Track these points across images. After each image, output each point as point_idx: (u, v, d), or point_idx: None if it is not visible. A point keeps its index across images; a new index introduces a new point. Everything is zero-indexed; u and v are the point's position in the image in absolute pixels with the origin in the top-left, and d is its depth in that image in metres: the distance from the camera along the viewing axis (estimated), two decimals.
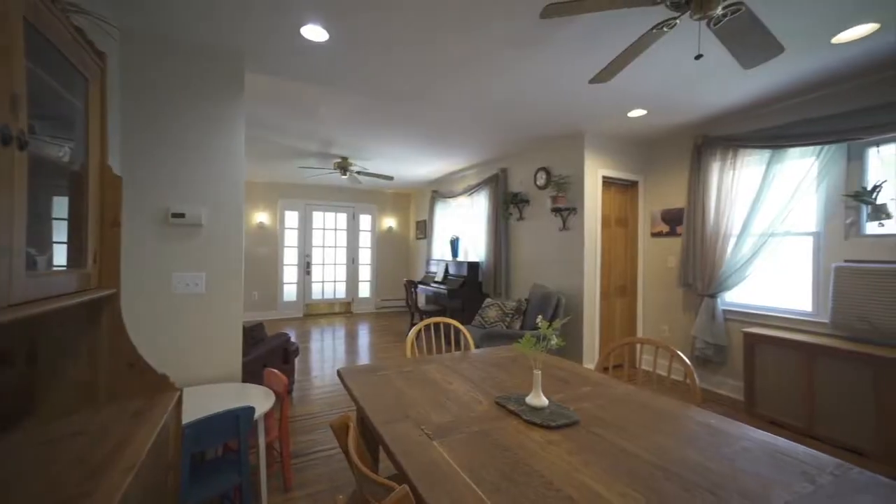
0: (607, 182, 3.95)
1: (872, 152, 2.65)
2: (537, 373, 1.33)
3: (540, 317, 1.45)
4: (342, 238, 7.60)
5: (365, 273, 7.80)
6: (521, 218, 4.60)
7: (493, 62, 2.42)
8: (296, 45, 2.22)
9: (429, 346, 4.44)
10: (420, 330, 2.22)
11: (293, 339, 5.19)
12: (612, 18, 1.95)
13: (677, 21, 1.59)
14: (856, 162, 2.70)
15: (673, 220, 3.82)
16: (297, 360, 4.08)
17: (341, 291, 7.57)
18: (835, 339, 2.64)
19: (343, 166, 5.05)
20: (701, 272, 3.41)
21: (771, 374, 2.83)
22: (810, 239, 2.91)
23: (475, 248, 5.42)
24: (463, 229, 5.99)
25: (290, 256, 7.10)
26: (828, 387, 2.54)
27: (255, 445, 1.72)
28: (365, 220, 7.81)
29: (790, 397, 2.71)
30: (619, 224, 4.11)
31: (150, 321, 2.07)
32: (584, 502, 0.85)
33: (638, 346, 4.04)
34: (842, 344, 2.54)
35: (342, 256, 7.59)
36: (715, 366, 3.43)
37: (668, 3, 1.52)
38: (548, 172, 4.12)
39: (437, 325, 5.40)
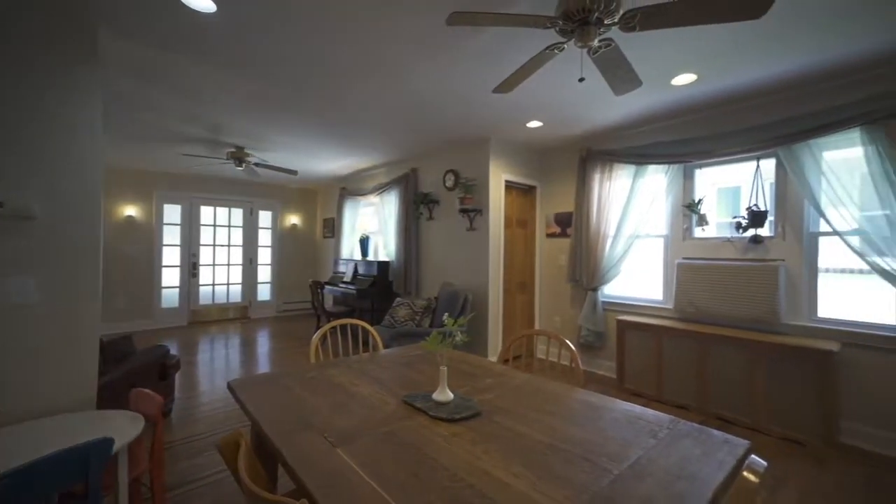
0: (509, 186, 4.26)
1: (698, 173, 3.36)
2: (443, 369, 1.37)
3: (447, 314, 1.50)
4: (237, 236, 6.82)
5: (265, 274, 7.13)
6: (430, 218, 4.69)
7: (402, 62, 2.42)
8: (175, 12, 1.92)
9: (336, 349, 4.25)
10: (326, 333, 2.11)
11: (173, 352, 4.51)
12: (515, 34, 2.11)
13: (565, 46, 1.79)
14: (689, 180, 3.39)
15: (564, 223, 4.30)
16: (177, 376, 3.55)
17: (236, 295, 6.80)
18: (675, 321, 3.28)
19: (238, 157, 4.53)
20: (585, 269, 3.90)
21: (635, 353, 3.38)
22: (661, 240, 3.55)
23: (386, 248, 5.37)
24: (373, 228, 5.87)
25: (172, 256, 6.13)
26: (669, 360, 3.16)
27: (114, 484, 1.44)
28: (265, 217, 7.13)
29: (647, 371, 3.29)
30: (520, 225, 4.47)
31: None
32: (484, 488, 0.91)
33: (534, 337, 4.46)
34: (679, 324, 3.17)
35: (238, 256, 6.82)
36: (596, 350, 3.96)
37: (557, 29, 1.71)
38: (456, 174, 4.28)
39: (344, 326, 5.18)
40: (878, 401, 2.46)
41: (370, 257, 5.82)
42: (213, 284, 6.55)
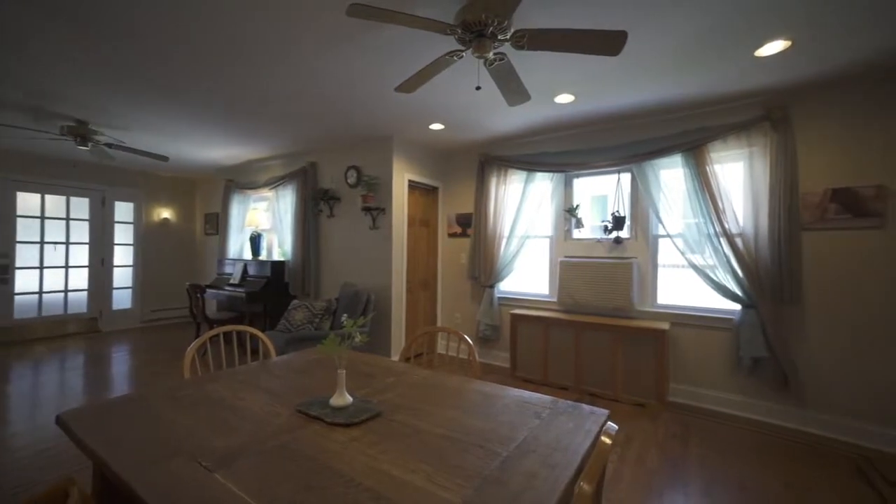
0: (413, 185, 4.31)
1: (577, 181, 3.87)
2: (341, 372, 1.32)
3: (345, 315, 1.45)
4: (82, 231, 5.53)
5: (124, 278, 5.93)
6: (331, 215, 4.47)
7: (301, 48, 2.25)
8: None
9: (219, 361, 3.75)
10: (205, 342, 1.85)
11: None
12: (418, 36, 2.13)
13: (463, 54, 1.88)
14: (569, 187, 3.88)
15: (464, 223, 4.52)
16: None
17: (80, 304, 5.52)
18: (558, 313, 3.72)
19: (80, 133, 3.66)
20: (483, 267, 4.16)
21: (526, 343, 3.74)
22: (547, 240, 3.99)
23: (281, 246, 4.94)
24: (266, 225, 5.35)
25: None
26: (554, 347, 3.57)
27: None
28: (123, 209, 5.93)
29: (535, 359, 3.67)
30: (423, 224, 4.55)
31: None
32: (381, 489, 0.90)
33: (433, 333, 4.59)
34: (561, 315, 3.61)
35: (82, 256, 5.53)
36: (493, 343, 4.26)
37: (456, 37, 1.78)
38: (358, 171, 4.16)
39: (229, 334, 4.64)
40: (692, 365, 3.18)
41: (263, 257, 5.29)
42: (41, 292, 5.19)
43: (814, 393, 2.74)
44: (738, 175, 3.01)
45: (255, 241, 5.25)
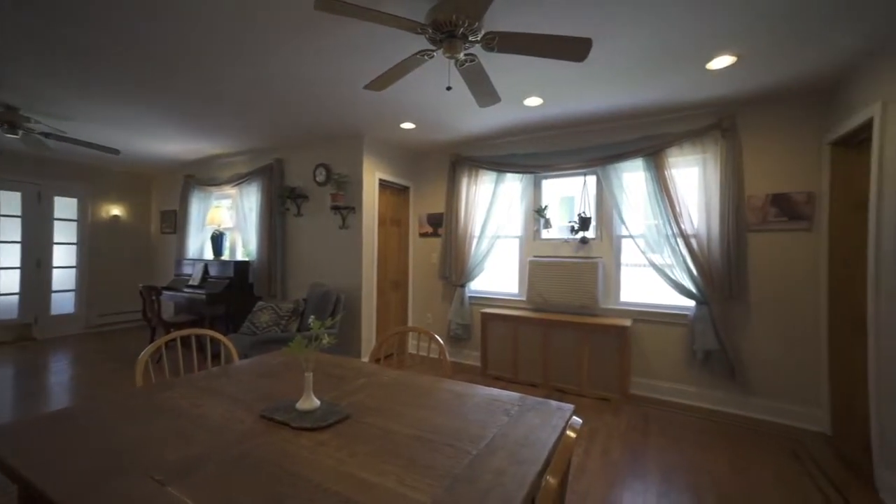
0: (383, 185, 4.26)
1: (545, 183, 3.97)
2: (308, 375, 1.29)
3: (312, 317, 1.41)
4: (13, 229, 5.05)
5: (66, 280, 5.48)
6: (299, 214, 4.34)
7: (268, 43, 2.16)
8: None
9: (176, 367, 3.53)
10: (160, 348, 1.74)
11: None
12: (390, 33, 2.11)
13: (434, 54, 1.88)
14: (538, 188, 3.97)
15: (436, 223, 4.52)
16: None
17: (10, 310, 5.03)
18: (527, 311, 3.80)
19: (8, 120, 3.30)
20: (454, 267, 4.18)
21: (496, 342, 3.79)
22: (517, 240, 4.07)
23: (245, 246, 4.75)
24: (229, 223, 5.11)
25: None
26: (523, 345, 3.65)
27: None
28: (65, 205, 5.48)
29: (505, 357, 3.72)
30: (394, 224, 4.51)
31: None
32: (350, 493, 0.88)
33: (404, 334, 4.57)
34: (530, 314, 3.69)
35: (13, 256, 5.05)
36: (464, 342, 4.29)
37: (427, 37, 1.78)
38: (328, 169, 4.06)
39: (187, 339, 4.43)
40: (652, 359, 3.35)
41: (225, 256, 5.05)
42: None
43: (756, 381, 2.97)
44: (693, 179, 3.20)
45: (217, 240, 5.01)
